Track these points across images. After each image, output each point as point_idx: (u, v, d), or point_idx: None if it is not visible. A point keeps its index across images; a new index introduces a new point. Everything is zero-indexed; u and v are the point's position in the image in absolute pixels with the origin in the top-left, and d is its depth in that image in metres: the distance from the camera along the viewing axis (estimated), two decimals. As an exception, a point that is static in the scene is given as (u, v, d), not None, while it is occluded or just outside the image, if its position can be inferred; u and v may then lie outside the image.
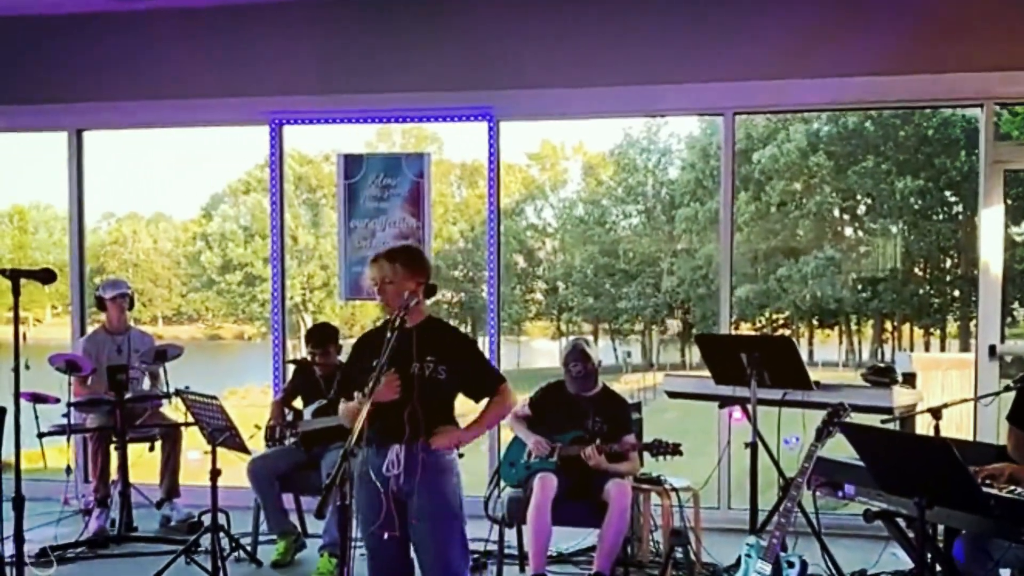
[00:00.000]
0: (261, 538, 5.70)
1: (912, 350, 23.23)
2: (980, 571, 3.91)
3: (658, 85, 6.30)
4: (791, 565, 3.91)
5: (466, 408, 3.81)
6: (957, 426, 6.19)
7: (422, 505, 3.54)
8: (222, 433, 4.97)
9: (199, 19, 6.65)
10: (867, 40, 6.00)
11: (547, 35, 6.35)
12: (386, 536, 3.54)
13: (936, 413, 4.41)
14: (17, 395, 4.42)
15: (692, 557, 5.16)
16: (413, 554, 3.66)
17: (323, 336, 5.77)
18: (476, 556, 5.20)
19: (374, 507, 3.57)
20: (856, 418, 4.18)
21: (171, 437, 6.32)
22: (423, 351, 3.57)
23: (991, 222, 6.15)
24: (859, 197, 23.28)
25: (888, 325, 24.75)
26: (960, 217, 22.67)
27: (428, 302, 3.71)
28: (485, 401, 3.77)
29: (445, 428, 3.61)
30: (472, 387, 3.73)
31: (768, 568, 3.89)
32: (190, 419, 5.46)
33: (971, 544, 3.92)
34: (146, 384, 6.49)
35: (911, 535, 4.11)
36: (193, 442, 6.08)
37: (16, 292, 4.32)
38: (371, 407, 3.33)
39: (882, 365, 5.21)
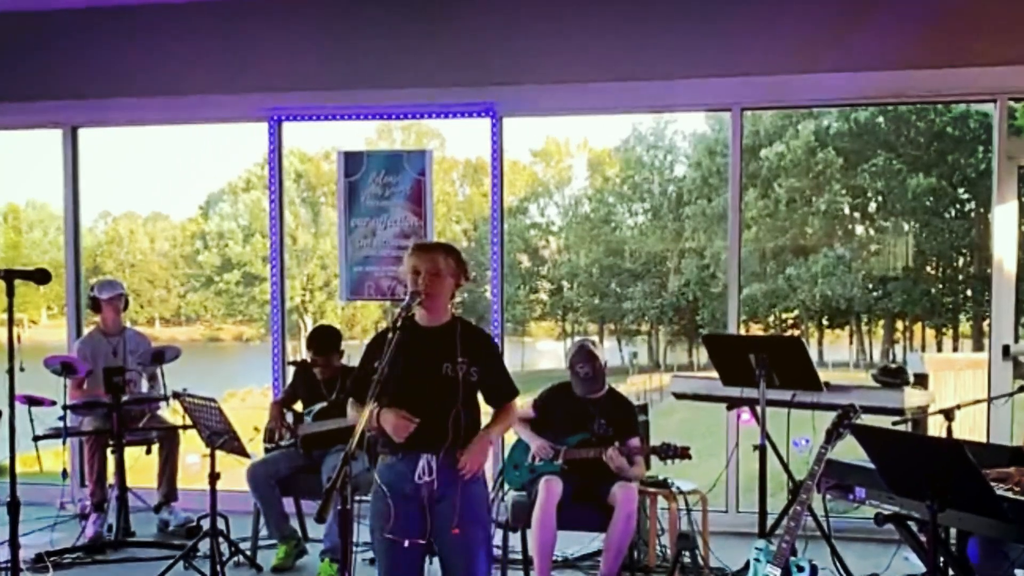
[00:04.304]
0: (261, 543, 5.65)
1: (924, 350, 23.12)
2: (995, 572, 3.88)
3: (664, 81, 6.21)
4: (801, 569, 3.86)
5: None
6: (970, 428, 6.11)
7: (454, 512, 3.45)
8: (221, 436, 4.94)
9: (196, 14, 6.58)
10: (877, 35, 5.91)
11: (550, 30, 6.26)
12: (407, 543, 3.46)
13: (948, 414, 4.37)
14: (12, 398, 4.37)
15: (700, 562, 5.10)
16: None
17: (325, 341, 5.68)
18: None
19: (403, 514, 3.48)
20: (867, 420, 4.12)
21: (169, 440, 6.25)
22: (454, 351, 3.49)
23: (1005, 219, 6.09)
24: (870, 194, 23.16)
25: (899, 325, 24.61)
26: (973, 215, 22.53)
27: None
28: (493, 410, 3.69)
29: (469, 449, 3.49)
30: (491, 392, 3.64)
31: (778, 572, 3.83)
32: (188, 422, 5.41)
33: (986, 544, 3.88)
34: (144, 386, 6.42)
35: (923, 539, 4.04)
36: (192, 445, 6.03)
37: (10, 293, 4.25)
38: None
39: (893, 366, 5.13)
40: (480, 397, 3.65)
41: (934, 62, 5.88)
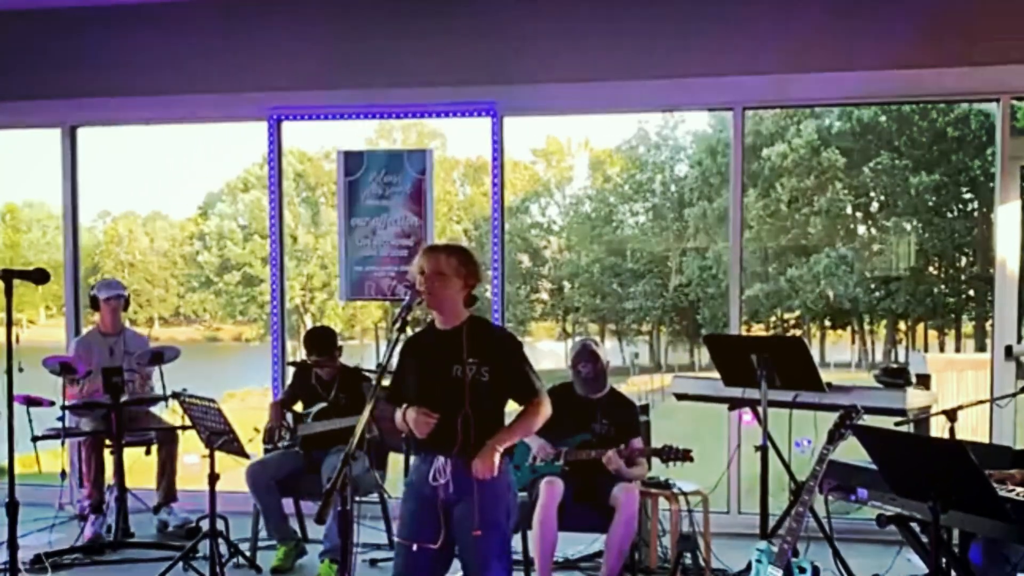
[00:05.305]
0: (260, 544, 5.62)
1: (926, 350, 23.08)
2: (998, 575, 3.84)
3: (666, 80, 6.19)
4: (803, 571, 3.87)
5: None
6: (972, 428, 6.08)
7: (472, 514, 3.44)
8: (220, 437, 4.90)
9: (196, 13, 6.56)
10: (879, 34, 5.90)
11: (551, 29, 6.26)
12: (415, 547, 3.48)
13: (951, 415, 4.36)
14: (11, 398, 4.36)
15: (701, 563, 5.09)
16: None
17: (322, 342, 5.67)
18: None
19: (417, 516, 3.51)
20: (869, 420, 4.12)
21: (168, 441, 6.23)
22: (462, 352, 3.47)
23: (1007, 219, 6.08)
24: (872, 194, 23.11)
25: (902, 325, 24.57)
26: (976, 214, 22.47)
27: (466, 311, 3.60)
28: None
29: (482, 452, 3.47)
30: (511, 392, 3.62)
31: (779, 574, 3.83)
32: (187, 422, 5.39)
33: (988, 547, 3.87)
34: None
35: (925, 540, 4.02)
36: (191, 446, 6.01)
37: (9, 293, 4.25)
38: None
39: (895, 366, 5.12)
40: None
41: (936, 61, 5.87)
